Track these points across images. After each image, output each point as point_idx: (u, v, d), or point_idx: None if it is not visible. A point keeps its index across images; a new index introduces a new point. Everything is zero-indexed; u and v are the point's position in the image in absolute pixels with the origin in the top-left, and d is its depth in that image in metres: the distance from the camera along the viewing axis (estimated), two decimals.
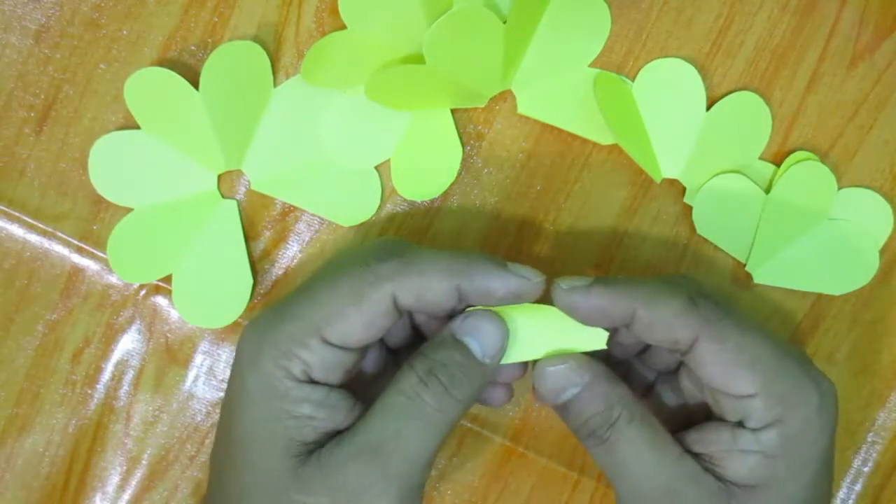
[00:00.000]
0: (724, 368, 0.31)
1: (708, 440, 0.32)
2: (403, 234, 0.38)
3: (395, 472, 0.30)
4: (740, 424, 0.31)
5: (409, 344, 0.35)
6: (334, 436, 0.31)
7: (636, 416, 0.31)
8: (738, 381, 0.31)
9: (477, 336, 0.31)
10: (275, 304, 0.32)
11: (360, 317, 0.30)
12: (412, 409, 0.30)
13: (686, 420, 0.34)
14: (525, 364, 0.34)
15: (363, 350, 0.32)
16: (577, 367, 0.32)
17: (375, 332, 0.31)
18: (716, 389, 0.32)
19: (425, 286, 0.30)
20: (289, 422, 0.30)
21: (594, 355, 0.32)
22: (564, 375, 0.32)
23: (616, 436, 0.31)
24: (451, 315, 0.33)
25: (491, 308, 0.32)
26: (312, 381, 0.31)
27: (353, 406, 0.31)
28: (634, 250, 0.39)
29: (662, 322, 0.31)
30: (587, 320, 0.32)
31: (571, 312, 0.31)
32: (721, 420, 0.32)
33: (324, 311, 0.31)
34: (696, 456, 0.32)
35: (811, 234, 0.38)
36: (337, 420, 0.31)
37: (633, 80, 0.38)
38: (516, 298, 0.31)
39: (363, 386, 0.34)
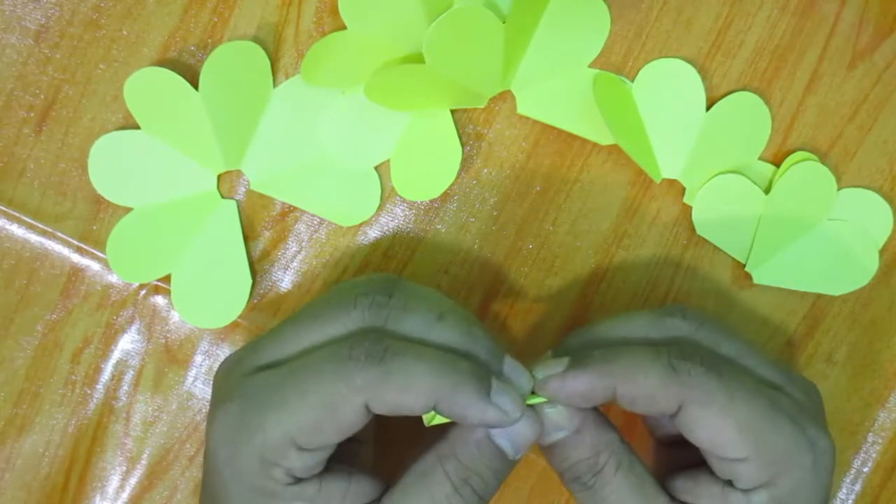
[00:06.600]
0: (712, 433, 0.30)
1: (697, 492, 0.31)
2: (403, 234, 0.38)
3: None
4: (730, 483, 0.31)
5: None
6: None
7: (623, 464, 0.31)
8: (728, 446, 0.30)
9: (513, 438, 0.31)
10: (238, 386, 0.31)
11: (334, 426, 0.29)
12: None
13: (683, 444, 0.34)
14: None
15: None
16: (568, 411, 0.31)
17: (351, 432, 0.30)
18: (706, 451, 0.31)
19: (403, 400, 0.29)
20: None
21: None
22: (554, 418, 0.31)
23: (601, 483, 0.31)
24: None
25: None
26: (299, 480, 0.30)
27: (348, 484, 0.31)
28: (634, 250, 0.39)
29: (644, 396, 0.30)
30: (570, 405, 0.31)
31: (553, 400, 0.31)
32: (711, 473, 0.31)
33: (296, 423, 0.29)
34: None
35: (811, 235, 0.38)
36: None
37: (632, 80, 0.38)
38: (490, 427, 0.30)
39: None
